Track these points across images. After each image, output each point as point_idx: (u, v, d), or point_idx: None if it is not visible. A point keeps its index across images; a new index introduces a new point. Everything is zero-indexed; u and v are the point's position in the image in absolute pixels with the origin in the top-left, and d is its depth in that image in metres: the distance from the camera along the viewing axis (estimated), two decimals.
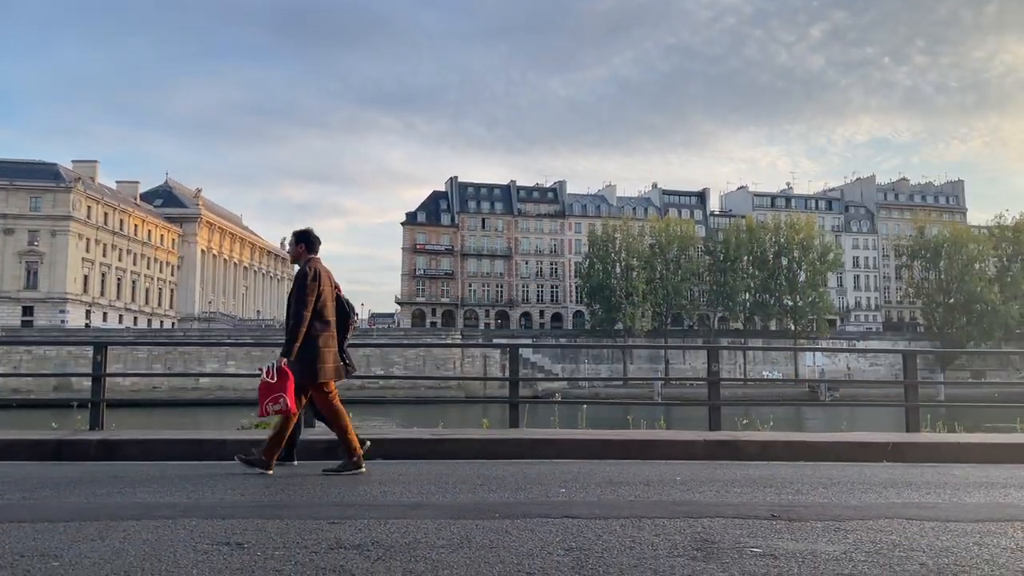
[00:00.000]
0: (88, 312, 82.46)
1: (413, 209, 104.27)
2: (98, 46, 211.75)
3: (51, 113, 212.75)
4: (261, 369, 6.56)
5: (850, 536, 4.24)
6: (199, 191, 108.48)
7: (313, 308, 6.60)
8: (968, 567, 3.61)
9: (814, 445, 8.78)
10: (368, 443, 7.00)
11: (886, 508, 5.16)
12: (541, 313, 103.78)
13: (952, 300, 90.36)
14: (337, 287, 7.05)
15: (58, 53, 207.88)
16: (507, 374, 10.88)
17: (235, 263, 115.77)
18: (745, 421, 11.37)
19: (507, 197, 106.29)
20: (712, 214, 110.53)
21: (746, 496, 5.64)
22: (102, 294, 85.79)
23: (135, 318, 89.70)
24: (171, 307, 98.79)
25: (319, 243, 7.06)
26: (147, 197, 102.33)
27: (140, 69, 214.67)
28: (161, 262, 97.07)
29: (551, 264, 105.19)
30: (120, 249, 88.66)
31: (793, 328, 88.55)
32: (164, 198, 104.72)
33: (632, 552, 3.82)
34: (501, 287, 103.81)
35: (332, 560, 3.63)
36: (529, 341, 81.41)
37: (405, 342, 75.77)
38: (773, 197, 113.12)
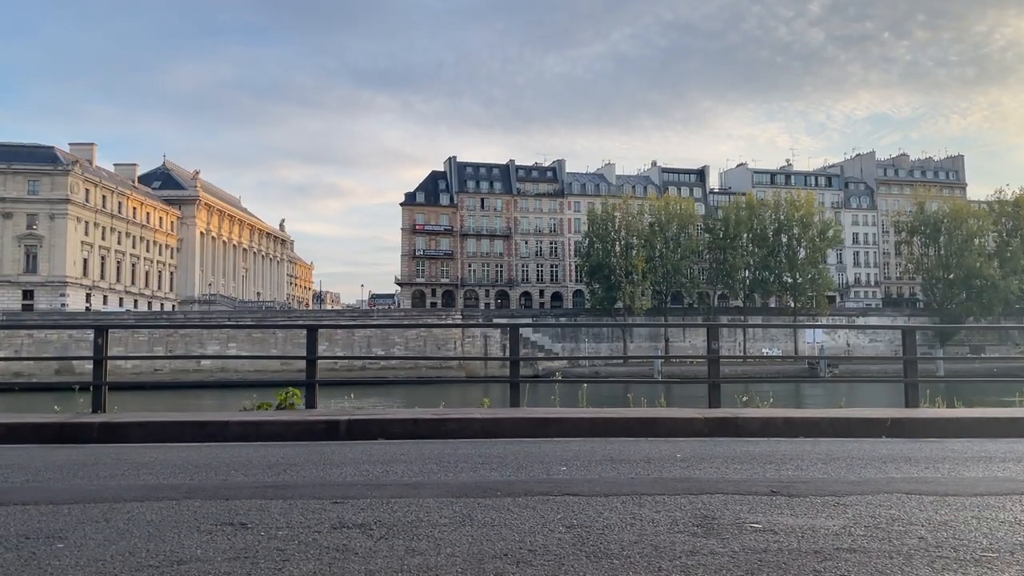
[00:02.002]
0: (88, 295, 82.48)
1: (412, 189, 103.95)
2: (91, 25, 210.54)
3: (45, 93, 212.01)
4: None
5: (849, 511, 4.26)
6: (197, 173, 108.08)
7: None
8: (967, 541, 3.63)
9: (813, 421, 8.81)
10: None
11: (885, 483, 5.19)
12: (541, 292, 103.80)
13: (952, 276, 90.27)
14: None
15: (51, 32, 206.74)
16: (507, 354, 10.90)
17: (234, 245, 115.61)
18: (745, 398, 11.41)
19: (506, 177, 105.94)
20: (712, 192, 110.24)
21: (746, 472, 5.67)
22: (102, 277, 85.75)
23: (135, 301, 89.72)
24: (171, 290, 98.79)
25: None
26: (145, 179, 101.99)
27: (134, 48, 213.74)
28: (160, 245, 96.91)
29: (550, 243, 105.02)
30: (119, 232, 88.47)
31: (793, 305, 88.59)
32: (162, 180, 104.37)
33: (633, 529, 3.85)
34: (501, 267, 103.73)
35: (335, 539, 3.66)
36: (529, 321, 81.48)
37: (405, 323, 75.77)
38: (772, 174, 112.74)
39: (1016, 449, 7.07)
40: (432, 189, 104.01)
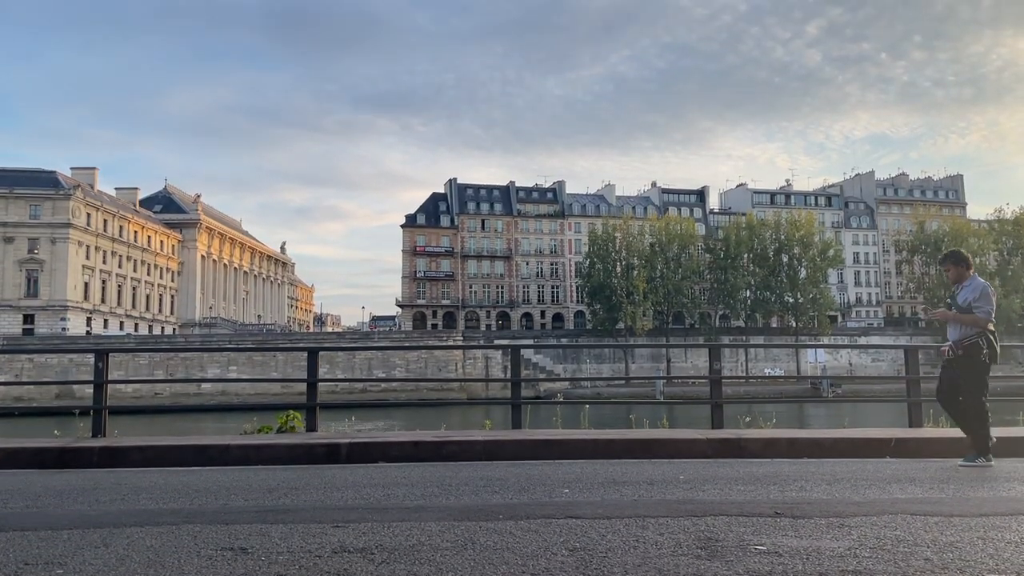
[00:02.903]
0: (89, 319, 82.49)
1: (412, 211, 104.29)
2: (92, 50, 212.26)
3: (47, 118, 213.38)
4: None
5: (854, 532, 4.23)
6: (198, 196, 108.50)
7: None
8: (972, 561, 3.60)
9: (817, 442, 8.77)
10: None
11: (890, 504, 5.15)
12: (542, 313, 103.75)
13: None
14: None
15: (52, 58, 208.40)
16: (509, 375, 10.87)
17: (235, 268, 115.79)
18: (748, 419, 11.36)
19: (506, 198, 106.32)
20: (712, 212, 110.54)
21: (749, 494, 5.64)
22: (103, 301, 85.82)
23: (136, 325, 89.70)
24: (172, 313, 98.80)
25: None
26: (146, 203, 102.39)
27: (135, 73, 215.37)
28: (161, 268, 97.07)
29: (551, 264, 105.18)
30: (120, 256, 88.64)
31: (794, 325, 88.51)
32: (163, 204, 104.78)
33: (636, 551, 3.82)
34: (502, 288, 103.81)
35: (336, 564, 3.63)
36: (530, 342, 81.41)
37: (406, 344, 75.82)
38: (772, 194, 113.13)
39: (1021, 469, 7.04)
40: (433, 211, 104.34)
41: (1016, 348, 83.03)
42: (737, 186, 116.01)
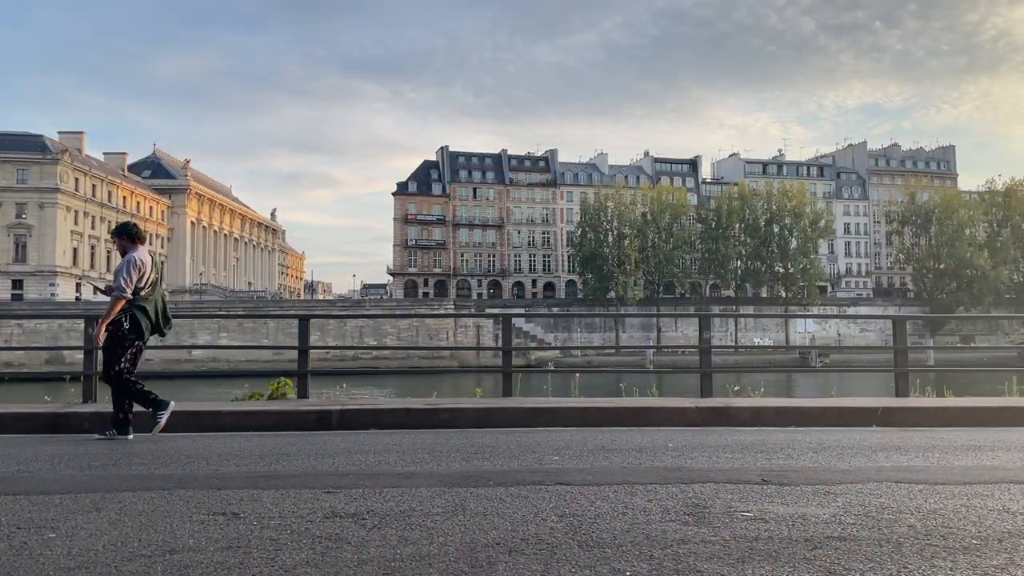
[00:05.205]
0: (78, 285, 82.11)
1: (404, 179, 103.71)
2: (79, 13, 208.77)
3: (34, 82, 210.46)
4: None
5: (839, 499, 4.29)
6: (187, 162, 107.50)
7: None
8: (956, 529, 3.66)
9: (804, 411, 8.85)
10: None
11: (875, 472, 5.22)
12: (533, 282, 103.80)
13: (942, 266, 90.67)
14: None
15: (38, 20, 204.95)
16: (500, 344, 10.90)
17: (225, 234, 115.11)
18: (736, 388, 11.44)
19: (498, 166, 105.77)
20: (704, 182, 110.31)
21: (737, 461, 5.69)
22: (92, 267, 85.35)
23: None
24: (162, 279, 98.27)
25: None
26: (135, 168, 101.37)
27: (123, 36, 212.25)
28: (151, 234, 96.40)
29: (543, 233, 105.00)
30: (109, 221, 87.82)
31: (784, 295, 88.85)
32: (152, 169, 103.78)
33: (625, 518, 3.86)
34: (493, 257, 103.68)
35: (328, 529, 3.66)
36: (522, 311, 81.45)
37: (398, 313, 75.86)
38: (765, 164, 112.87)
39: (1005, 438, 7.12)
40: (424, 179, 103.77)
41: (1003, 319, 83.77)
42: (730, 156, 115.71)
